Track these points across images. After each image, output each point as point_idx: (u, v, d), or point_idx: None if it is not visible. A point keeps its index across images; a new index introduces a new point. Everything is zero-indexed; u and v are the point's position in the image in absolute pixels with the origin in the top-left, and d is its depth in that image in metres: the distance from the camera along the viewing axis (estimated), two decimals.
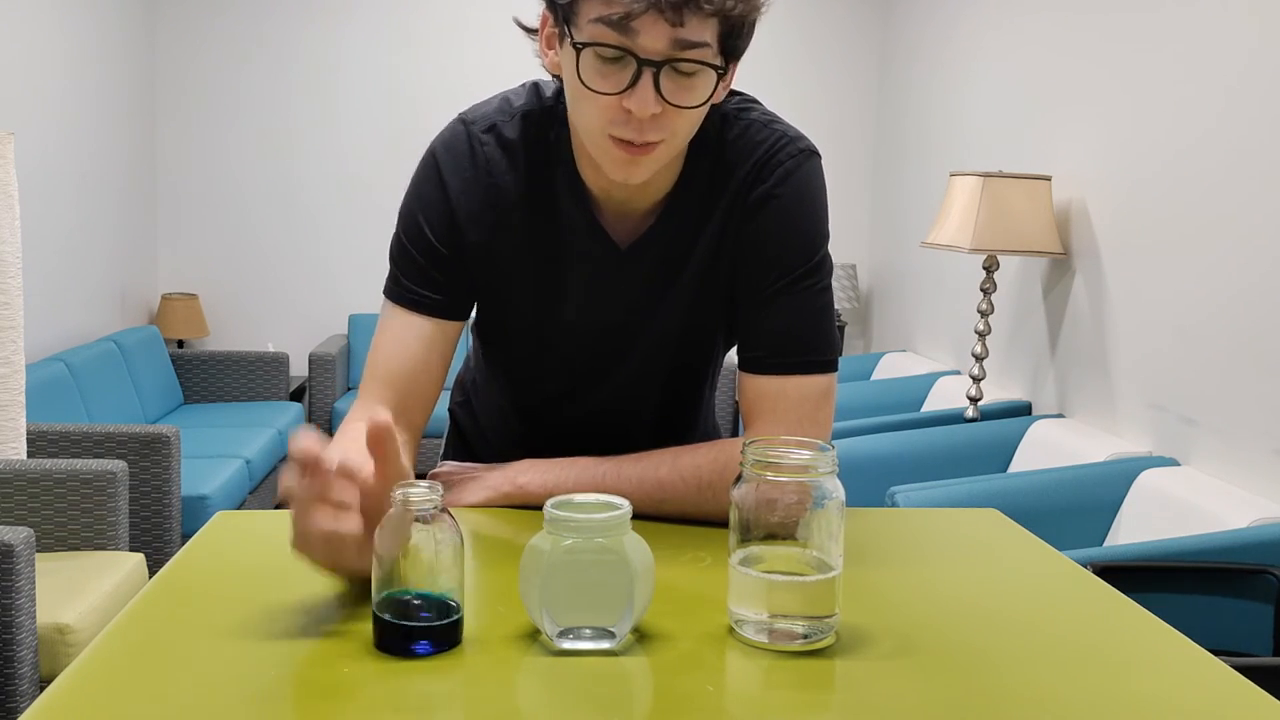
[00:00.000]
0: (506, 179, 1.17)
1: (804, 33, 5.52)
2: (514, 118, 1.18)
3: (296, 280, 5.43)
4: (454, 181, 1.17)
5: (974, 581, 1.04)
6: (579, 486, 1.15)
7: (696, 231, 1.20)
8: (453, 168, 1.17)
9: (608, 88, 1.02)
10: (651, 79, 1.01)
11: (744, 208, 1.17)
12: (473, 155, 1.17)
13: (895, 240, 5.25)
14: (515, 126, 1.17)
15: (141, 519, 3.30)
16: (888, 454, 3.30)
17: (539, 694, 0.80)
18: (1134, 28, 3.19)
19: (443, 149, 1.18)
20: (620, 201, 1.18)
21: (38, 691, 2.42)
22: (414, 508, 0.82)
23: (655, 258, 1.20)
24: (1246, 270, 2.66)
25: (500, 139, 1.17)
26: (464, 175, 1.17)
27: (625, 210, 1.19)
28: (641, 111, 1.02)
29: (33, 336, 3.90)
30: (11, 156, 3.01)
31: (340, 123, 5.37)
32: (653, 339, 1.25)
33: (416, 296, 1.19)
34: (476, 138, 1.17)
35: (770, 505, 0.86)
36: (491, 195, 1.17)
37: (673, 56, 1.01)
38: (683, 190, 1.19)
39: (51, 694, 0.76)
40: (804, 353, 1.17)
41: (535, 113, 1.18)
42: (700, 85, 1.05)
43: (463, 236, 1.18)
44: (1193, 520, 2.52)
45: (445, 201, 1.17)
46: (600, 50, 1.01)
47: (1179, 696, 0.81)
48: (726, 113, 1.19)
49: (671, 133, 1.06)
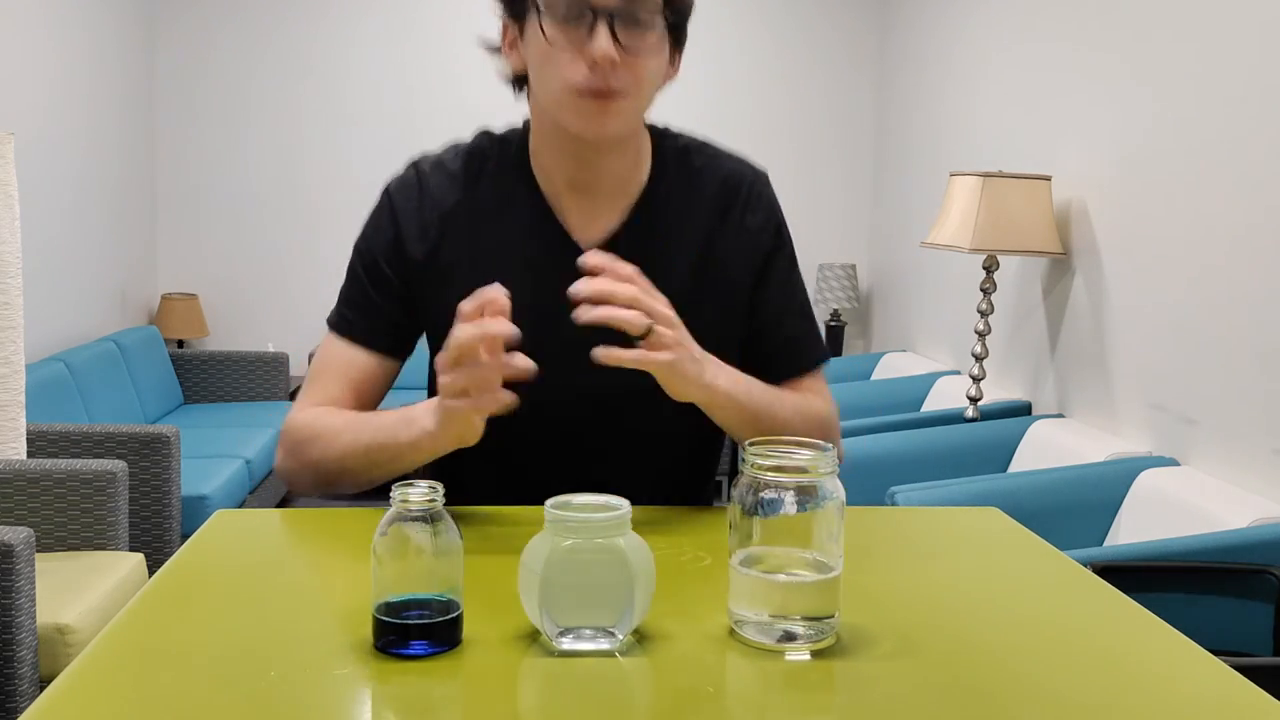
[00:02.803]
0: (450, 196, 1.24)
1: (804, 33, 5.52)
2: (460, 155, 1.26)
3: (296, 280, 5.43)
4: (402, 210, 1.24)
5: (974, 581, 1.04)
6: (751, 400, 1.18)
7: (669, 239, 1.23)
8: (400, 199, 1.25)
9: (569, 41, 1.12)
10: (607, 25, 1.10)
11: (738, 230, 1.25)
12: (420, 184, 1.25)
13: (895, 240, 5.25)
14: (459, 159, 1.26)
15: (141, 519, 3.29)
16: (888, 454, 3.30)
17: (539, 694, 0.80)
18: (1134, 28, 3.19)
19: (395, 185, 1.27)
20: (584, 194, 1.22)
21: (38, 691, 2.42)
22: (414, 508, 0.82)
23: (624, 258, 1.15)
24: (1246, 270, 2.66)
25: (444, 170, 1.25)
26: (410, 203, 1.24)
27: (589, 208, 1.22)
28: (603, 55, 1.09)
29: (33, 336, 3.90)
30: (11, 156, 3.01)
31: (340, 122, 5.37)
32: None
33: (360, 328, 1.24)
34: (424, 173, 1.25)
35: (770, 505, 0.86)
36: (432, 213, 1.24)
37: (625, 4, 1.11)
38: (651, 196, 1.24)
39: (51, 694, 0.76)
40: (821, 346, 1.32)
41: (483, 146, 1.26)
42: (654, 38, 1.14)
43: (407, 256, 1.23)
44: (1193, 520, 2.52)
45: (394, 226, 1.24)
46: (556, 6, 1.11)
47: (1179, 696, 0.81)
48: (687, 145, 1.29)
49: (634, 82, 1.13)
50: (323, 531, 1.17)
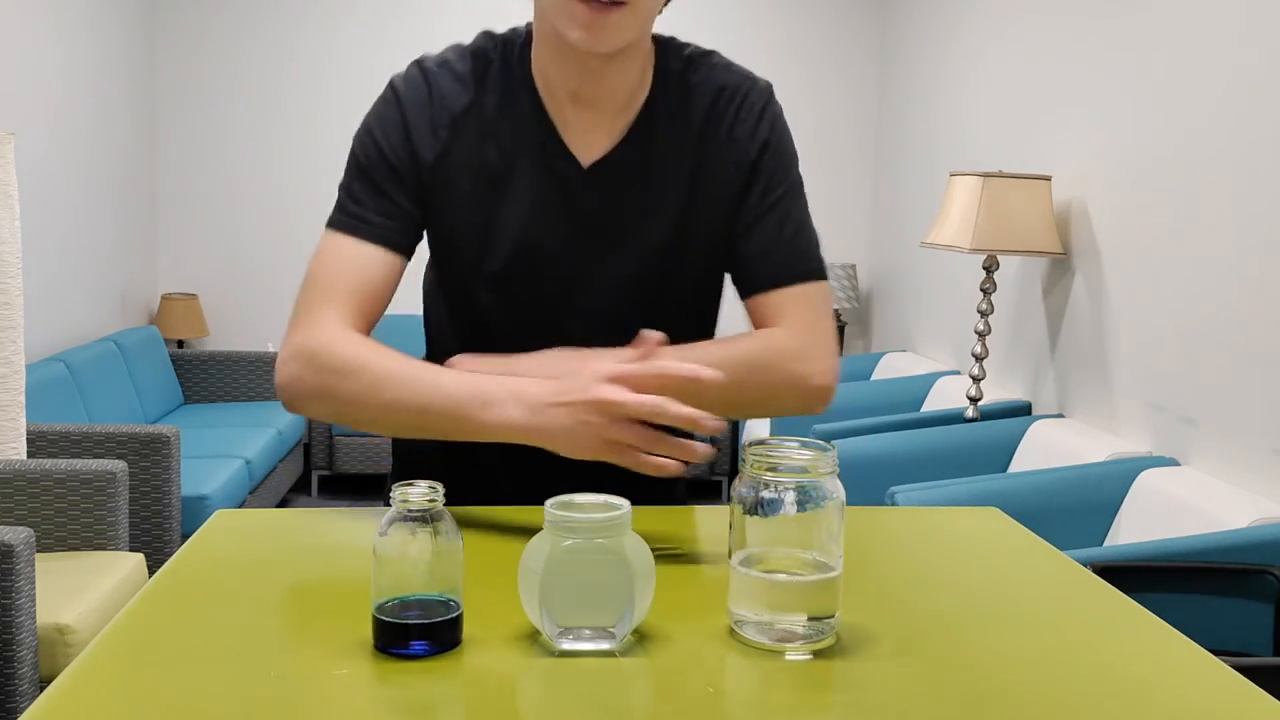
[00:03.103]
0: (460, 99, 1.20)
1: (804, 33, 5.52)
2: (464, 55, 1.22)
3: (297, 280, 5.34)
4: (409, 103, 1.20)
5: (974, 581, 1.04)
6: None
7: (665, 155, 1.21)
8: (407, 93, 1.20)
9: None
10: None
11: (727, 140, 1.21)
12: (427, 84, 1.20)
13: (895, 240, 5.25)
14: (465, 60, 1.21)
15: (141, 519, 3.30)
16: (888, 454, 3.30)
17: (539, 694, 0.79)
18: (1134, 28, 3.19)
19: (400, 80, 1.22)
20: (585, 107, 1.19)
21: (38, 691, 2.42)
22: (414, 508, 0.82)
23: (621, 178, 1.20)
24: (1246, 270, 2.66)
25: (452, 70, 1.21)
26: (418, 100, 1.20)
27: (590, 124, 1.20)
28: None
29: (33, 336, 3.90)
30: (11, 156, 3.01)
31: (340, 123, 5.37)
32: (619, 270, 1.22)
33: (371, 224, 1.17)
34: (430, 70, 1.21)
35: (770, 505, 0.86)
36: (443, 113, 1.19)
37: None
38: (650, 113, 1.21)
39: (51, 694, 0.76)
40: (809, 260, 1.23)
41: (486, 48, 1.22)
42: None
43: (416, 153, 1.19)
44: (1193, 520, 2.52)
45: (401, 122, 1.19)
46: None
47: (1179, 696, 0.81)
48: (690, 55, 1.24)
49: None
50: (323, 531, 1.17)
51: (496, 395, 1.06)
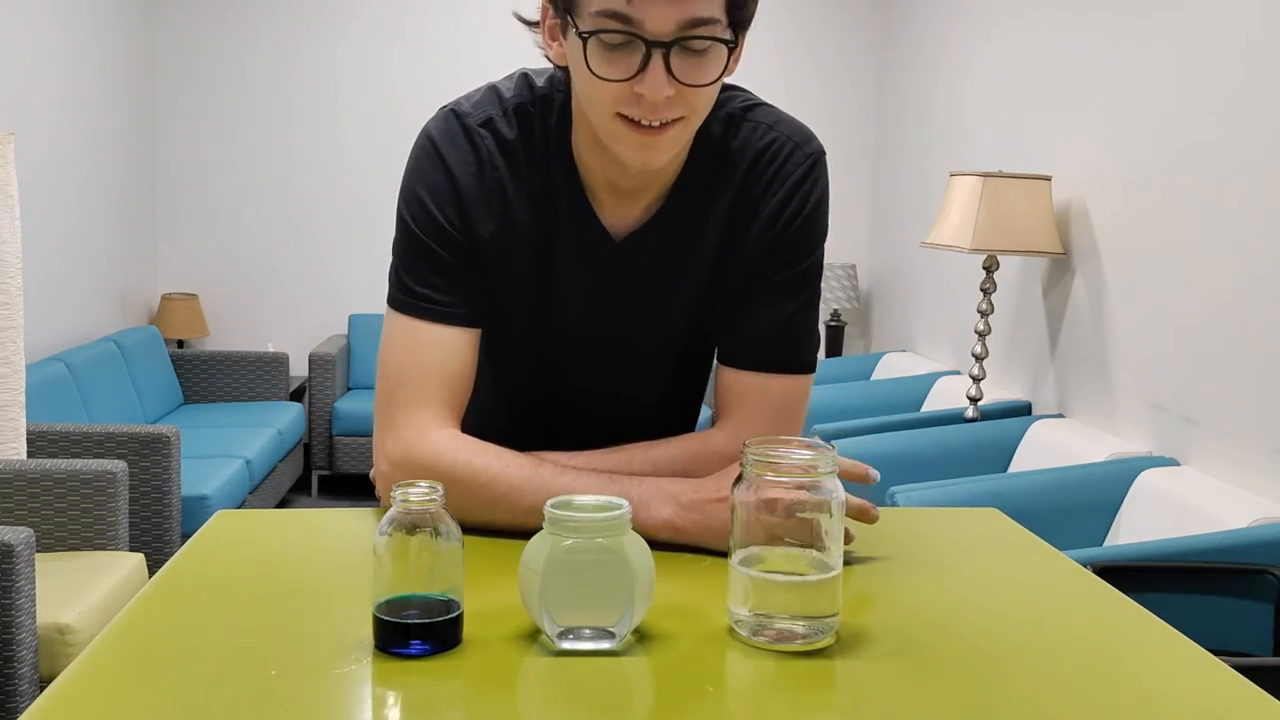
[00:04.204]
0: (508, 174, 1.14)
1: (804, 33, 5.52)
2: (507, 112, 1.14)
3: (296, 280, 5.43)
4: (460, 171, 1.12)
5: (974, 581, 1.04)
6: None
7: (696, 228, 1.18)
8: (456, 159, 1.13)
9: (618, 74, 1.00)
10: (662, 61, 0.99)
11: (752, 213, 1.16)
12: (475, 149, 1.13)
13: (895, 240, 5.25)
14: (511, 122, 1.14)
15: (141, 519, 3.29)
16: (888, 454, 3.30)
17: (539, 694, 0.80)
18: (1134, 28, 3.19)
19: (442, 139, 1.14)
20: (622, 193, 1.16)
21: (38, 691, 2.42)
22: (414, 508, 0.83)
23: (652, 252, 1.18)
24: (1247, 270, 2.66)
25: (497, 135, 1.13)
26: (469, 168, 1.13)
27: (624, 203, 1.16)
28: (655, 96, 0.99)
29: (33, 336, 3.90)
30: (11, 156, 3.01)
31: (340, 123, 5.37)
32: (654, 338, 1.23)
33: (445, 305, 1.12)
34: (475, 130, 1.13)
35: (770, 505, 0.86)
36: (496, 189, 1.13)
37: (682, 35, 0.98)
38: (684, 185, 1.17)
39: (51, 694, 0.76)
40: (790, 352, 1.17)
41: (527, 105, 1.15)
42: (712, 60, 1.02)
43: (474, 228, 1.13)
44: (1193, 520, 2.52)
45: (454, 190, 1.12)
46: (607, 38, 0.99)
47: (1179, 696, 0.81)
48: (732, 113, 1.17)
49: (690, 109, 1.03)
50: (323, 531, 1.17)
51: (645, 496, 1.06)
